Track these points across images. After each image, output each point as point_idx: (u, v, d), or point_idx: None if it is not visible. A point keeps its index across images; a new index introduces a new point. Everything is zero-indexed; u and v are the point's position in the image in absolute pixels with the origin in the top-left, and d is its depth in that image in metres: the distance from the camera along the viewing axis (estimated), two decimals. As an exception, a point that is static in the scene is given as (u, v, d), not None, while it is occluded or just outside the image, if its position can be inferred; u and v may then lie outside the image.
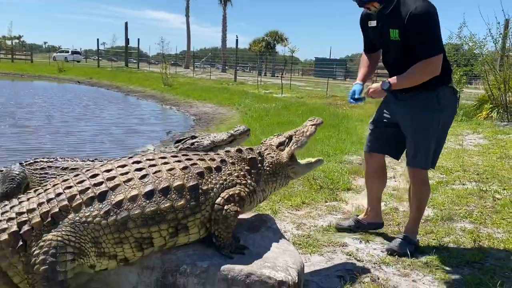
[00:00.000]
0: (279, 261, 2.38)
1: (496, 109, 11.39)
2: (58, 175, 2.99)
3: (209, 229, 2.35)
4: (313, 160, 2.88)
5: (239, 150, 2.64)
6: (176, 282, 2.23)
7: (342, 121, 10.89)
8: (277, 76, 35.45)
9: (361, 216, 3.84)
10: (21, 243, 2.04)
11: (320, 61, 47.73)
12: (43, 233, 2.06)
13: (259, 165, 2.63)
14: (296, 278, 2.30)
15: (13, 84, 26.28)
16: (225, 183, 2.40)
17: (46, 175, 3.16)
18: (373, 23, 3.29)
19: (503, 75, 11.02)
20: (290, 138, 2.81)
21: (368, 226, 3.78)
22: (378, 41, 3.40)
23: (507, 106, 10.96)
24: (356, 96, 3.35)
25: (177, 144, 3.31)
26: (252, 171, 2.58)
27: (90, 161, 3.31)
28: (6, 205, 2.20)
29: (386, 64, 3.48)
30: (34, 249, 2.03)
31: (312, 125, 2.88)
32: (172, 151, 2.73)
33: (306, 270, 2.94)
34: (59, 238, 2.04)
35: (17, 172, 3.26)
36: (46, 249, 2.01)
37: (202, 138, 3.28)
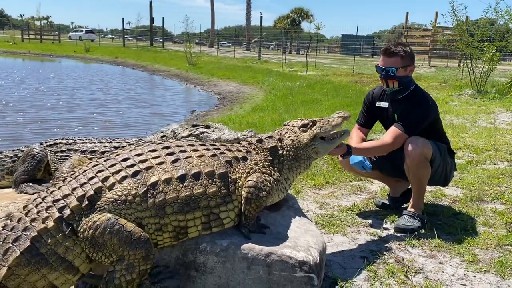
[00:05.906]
0: (300, 241, 2.34)
1: (532, 86, 10.89)
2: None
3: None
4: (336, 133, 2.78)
5: (260, 141, 2.61)
6: (196, 260, 2.22)
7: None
8: (302, 54, 35.01)
9: (391, 193, 3.87)
10: (69, 227, 2.03)
11: (347, 38, 46.40)
12: (84, 217, 2.04)
13: (280, 151, 2.59)
14: (318, 259, 2.26)
15: (43, 64, 26.81)
16: (251, 171, 2.39)
17: (66, 158, 3.23)
18: (383, 104, 3.54)
19: (540, 50, 10.48)
20: (314, 122, 2.74)
21: (401, 197, 3.80)
22: (383, 119, 3.62)
23: (543, 83, 10.45)
24: (367, 164, 3.43)
25: (191, 128, 3.43)
26: (274, 160, 2.56)
27: (107, 142, 3.35)
28: (35, 198, 2.17)
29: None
30: (88, 232, 2.01)
31: (339, 117, 2.81)
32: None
33: (329, 250, 2.89)
34: (107, 213, 2.04)
35: (37, 151, 3.33)
36: (104, 225, 2.00)
37: (212, 131, 3.34)
